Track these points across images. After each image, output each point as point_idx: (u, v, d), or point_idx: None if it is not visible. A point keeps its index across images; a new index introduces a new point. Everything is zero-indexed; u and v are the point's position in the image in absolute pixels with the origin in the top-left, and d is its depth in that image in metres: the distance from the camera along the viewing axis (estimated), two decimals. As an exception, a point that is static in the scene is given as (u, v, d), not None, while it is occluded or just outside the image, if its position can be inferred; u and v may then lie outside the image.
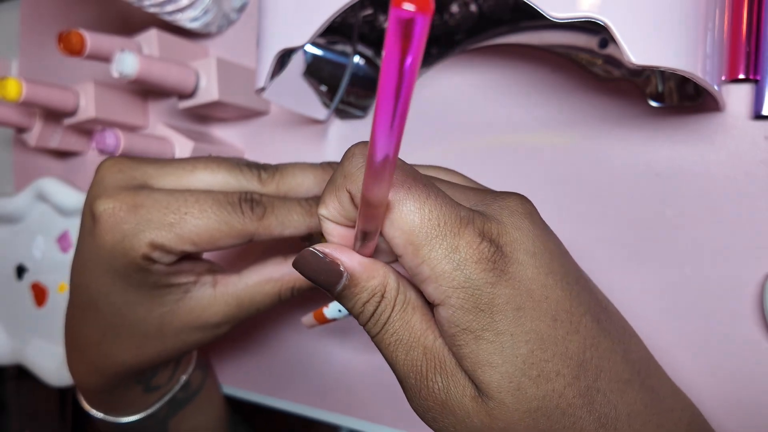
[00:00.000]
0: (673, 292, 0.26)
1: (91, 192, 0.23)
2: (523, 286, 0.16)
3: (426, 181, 0.16)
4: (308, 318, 0.24)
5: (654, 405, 0.18)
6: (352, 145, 0.17)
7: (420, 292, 0.18)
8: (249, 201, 0.22)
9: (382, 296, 0.18)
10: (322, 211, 0.18)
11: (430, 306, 0.18)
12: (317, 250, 0.17)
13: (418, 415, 0.18)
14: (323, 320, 0.24)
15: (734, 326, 0.25)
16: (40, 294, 0.41)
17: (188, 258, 0.24)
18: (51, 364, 0.39)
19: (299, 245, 0.25)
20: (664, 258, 0.26)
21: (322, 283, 0.18)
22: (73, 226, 0.39)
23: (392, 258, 0.19)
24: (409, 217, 0.16)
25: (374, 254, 0.18)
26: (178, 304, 0.24)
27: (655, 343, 0.26)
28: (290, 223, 0.23)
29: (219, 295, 0.24)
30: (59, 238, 0.40)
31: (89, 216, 0.23)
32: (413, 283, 0.18)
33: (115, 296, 0.23)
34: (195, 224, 0.21)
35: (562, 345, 0.16)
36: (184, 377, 0.32)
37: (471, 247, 0.16)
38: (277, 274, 0.25)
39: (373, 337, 0.18)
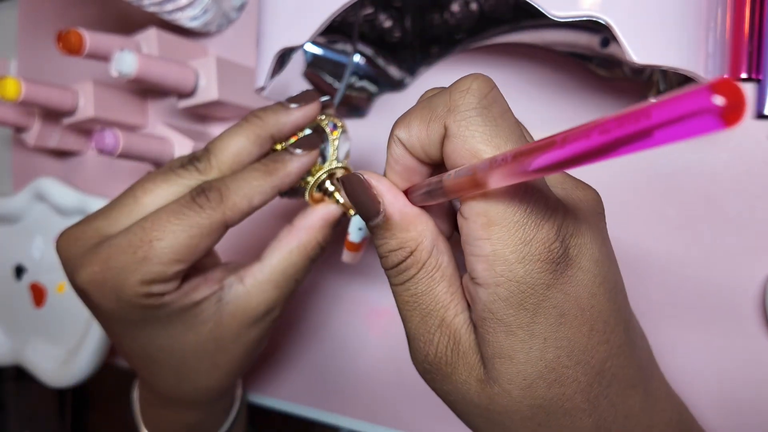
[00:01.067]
0: (674, 292, 0.26)
1: (66, 274, 0.23)
2: (575, 292, 0.15)
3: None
4: (345, 254, 0.25)
5: (649, 407, 0.18)
6: (470, 76, 0.15)
7: (452, 258, 0.17)
8: (201, 193, 0.21)
9: (411, 253, 0.17)
10: (401, 132, 0.16)
11: (462, 276, 0.17)
12: (364, 178, 0.16)
13: (417, 370, 0.18)
14: (355, 247, 0.24)
15: (736, 326, 0.25)
16: (38, 294, 0.41)
17: (196, 272, 0.23)
18: (50, 364, 0.39)
19: (293, 208, 0.25)
20: (666, 257, 0.26)
21: (359, 211, 0.17)
22: (72, 226, 0.39)
23: (441, 207, 0.18)
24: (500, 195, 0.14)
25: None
26: (218, 314, 0.23)
27: (656, 342, 0.26)
28: (253, 190, 0.22)
29: (251, 287, 0.24)
30: (58, 238, 0.40)
31: (80, 296, 0.23)
32: (459, 245, 0.16)
33: (159, 341, 0.23)
34: (166, 244, 0.20)
35: (589, 354, 0.16)
36: (239, 389, 0.32)
37: (543, 245, 0.15)
38: (294, 241, 0.24)
39: (391, 285, 0.18)
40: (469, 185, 0.14)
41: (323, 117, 0.25)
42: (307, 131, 0.24)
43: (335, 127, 0.25)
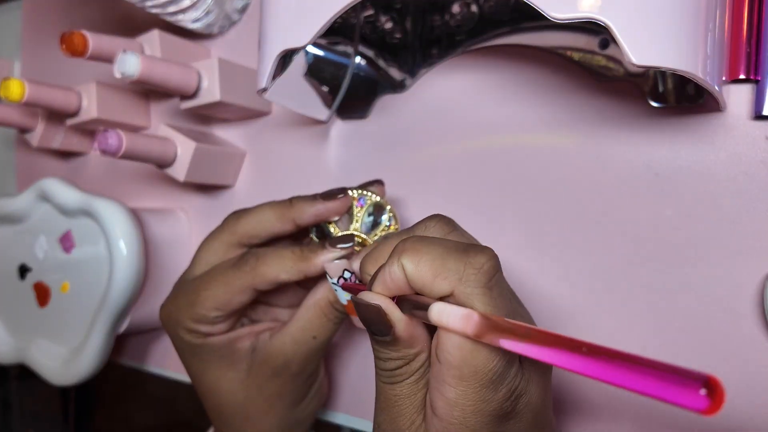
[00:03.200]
0: (672, 292, 0.26)
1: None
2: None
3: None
4: (357, 320, 0.26)
5: None
6: (486, 253, 0.18)
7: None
8: (242, 258, 0.26)
9: (409, 363, 0.19)
10: (409, 264, 0.18)
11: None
12: (374, 304, 0.19)
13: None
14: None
15: (734, 326, 0.25)
16: (42, 294, 0.41)
17: (252, 323, 0.28)
18: (54, 363, 0.39)
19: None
20: (664, 258, 0.26)
21: (369, 328, 0.19)
22: (75, 226, 0.39)
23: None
24: (480, 359, 0.17)
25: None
26: (250, 362, 0.27)
27: (655, 342, 0.26)
28: (282, 269, 0.25)
29: (274, 339, 0.27)
30: (61, 238, 0.40)
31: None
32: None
33: (206, 377, 0.28)
34: (208, 295, 0.26)
35: None
36: None
37: (498, 405, 0.18)
38: (311, 299, 0.27)
39: (378, 379, 0.20)
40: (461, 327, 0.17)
41: (366, 192, 0.27)
42: (367, 218, 0.27)
43: (364, 203, 0.27)
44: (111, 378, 0.46)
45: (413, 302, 0.19)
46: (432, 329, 0.20)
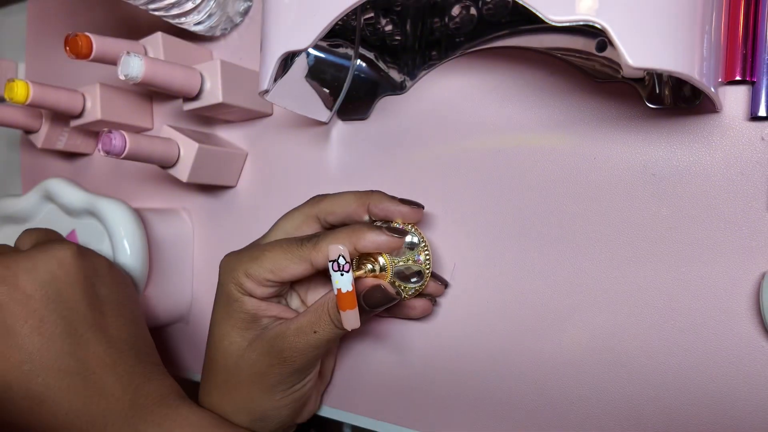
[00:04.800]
0: (668, 292, 0.26)
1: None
2: None
3: None
4: (345, 317, 0.26)
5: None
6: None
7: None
8: (309, 236, 0.28)
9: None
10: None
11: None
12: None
13: None
14: (350, 299, 0.25)
15: (730, 326, 0.25)
16: (46, 293, 0.42)
17: (285, 304, 0.31)
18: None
19: None
20: (660, 258, 0.26)
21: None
22: (79, 226, 0.40)
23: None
24: None
25: None
26: (259, 333, 0.29)
27: (651, 342, 0.27)
28: (336, 242, 0.27)
29: (282, 325, 0.28)
30: (66, 238, 0.41)
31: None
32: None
33: (225, 341, 0.29)
34: (270, 257, 0.28)
35: None
36: None
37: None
38: (323, 298, 0.28)
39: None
40: None
41: (408, 225, 0.28)
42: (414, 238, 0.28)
43: (401, 234, 0.27)
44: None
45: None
46: None
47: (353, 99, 0.34)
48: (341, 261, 0.25)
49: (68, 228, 0.40)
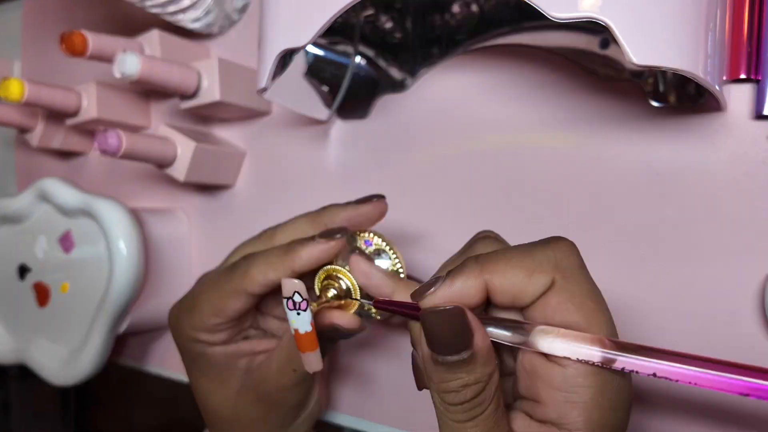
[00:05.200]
0: (673, 292, 0.26)
1: None
2: None
3: None
4: (306, 359, 0.22)
5: None
6: (561, 239, 0.19)
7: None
8: (236, 262, 0.25)
9: (484, 388, 0.17)
10: (495, 278, 0.17)
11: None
12: (453, 307, 0.17)
13: None
14: (311, 341, 0.22)
15: (735, 326, 0.25)
16: (42, 294, 0.41)
17: (255, 334, 0.28)
18: (54, 363, 0.39)
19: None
20: (665, 257, 0.26)
21: (439, 346, 0.16)
22: (75, 226, 0.39)
23: None
24: (617, 381, 0.18)
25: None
26: (243, 379, 0.27)
27: (656, 342, 0.26)
28: (269, 265, 0.24)
29: (262, 366, 0.26)
30: (61, 238, 0.40)
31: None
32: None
33: (201, 387, 0.27)
34: (203, 299, 0.25)
35: None
36: None
37: (626, 418, 0.18)
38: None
39: (446, 417, 0.17)
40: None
41: (368, 233, 0.25)
42: (380, 241, 0.25)
43: (369, 243, 0.25)
44: (111, 378, 0.46)
45: (503, 330, 0.17)
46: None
47: (353, 97, 0.34)
48: (297, 298, 0.21)
49: (64, 228, 0.40)
